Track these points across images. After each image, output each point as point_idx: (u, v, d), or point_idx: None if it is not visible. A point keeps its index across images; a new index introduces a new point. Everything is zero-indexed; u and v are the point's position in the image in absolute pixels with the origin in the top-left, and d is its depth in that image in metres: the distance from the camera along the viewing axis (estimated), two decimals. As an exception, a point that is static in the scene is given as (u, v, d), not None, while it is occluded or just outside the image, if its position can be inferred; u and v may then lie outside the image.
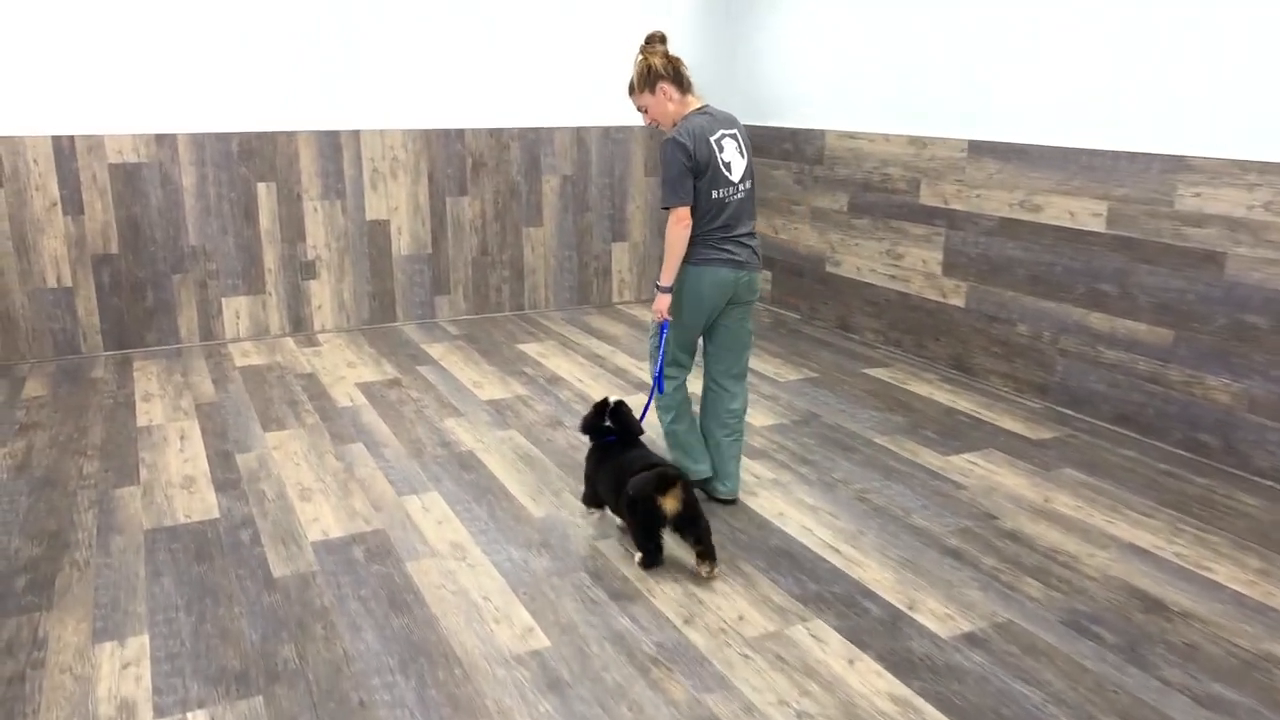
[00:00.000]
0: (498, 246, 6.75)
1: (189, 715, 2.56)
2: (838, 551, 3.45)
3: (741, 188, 3.54)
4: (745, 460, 4.26)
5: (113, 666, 2.77)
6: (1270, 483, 4.02)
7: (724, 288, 3.55)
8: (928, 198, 5.57)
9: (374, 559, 3.38)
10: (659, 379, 3.62)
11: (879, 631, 2.96)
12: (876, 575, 3.29)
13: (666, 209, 3.43)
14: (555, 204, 6.86)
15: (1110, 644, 2.89)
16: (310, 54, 5.94)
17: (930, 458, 4.28)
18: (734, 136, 3.53)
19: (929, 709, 2.60)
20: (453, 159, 6.47)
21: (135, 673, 2.74)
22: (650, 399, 3.71)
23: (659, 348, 3.62)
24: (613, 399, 3.53)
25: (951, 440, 4.49)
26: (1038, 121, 4.85)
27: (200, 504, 3.81)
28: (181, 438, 4.50)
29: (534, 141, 6.67)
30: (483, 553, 3.43)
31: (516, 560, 3.38)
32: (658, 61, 3.45)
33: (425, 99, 6.28)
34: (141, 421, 4.70)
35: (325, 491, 3.92)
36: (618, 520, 3.55)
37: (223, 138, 5.85)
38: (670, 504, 3.14)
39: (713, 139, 3.44)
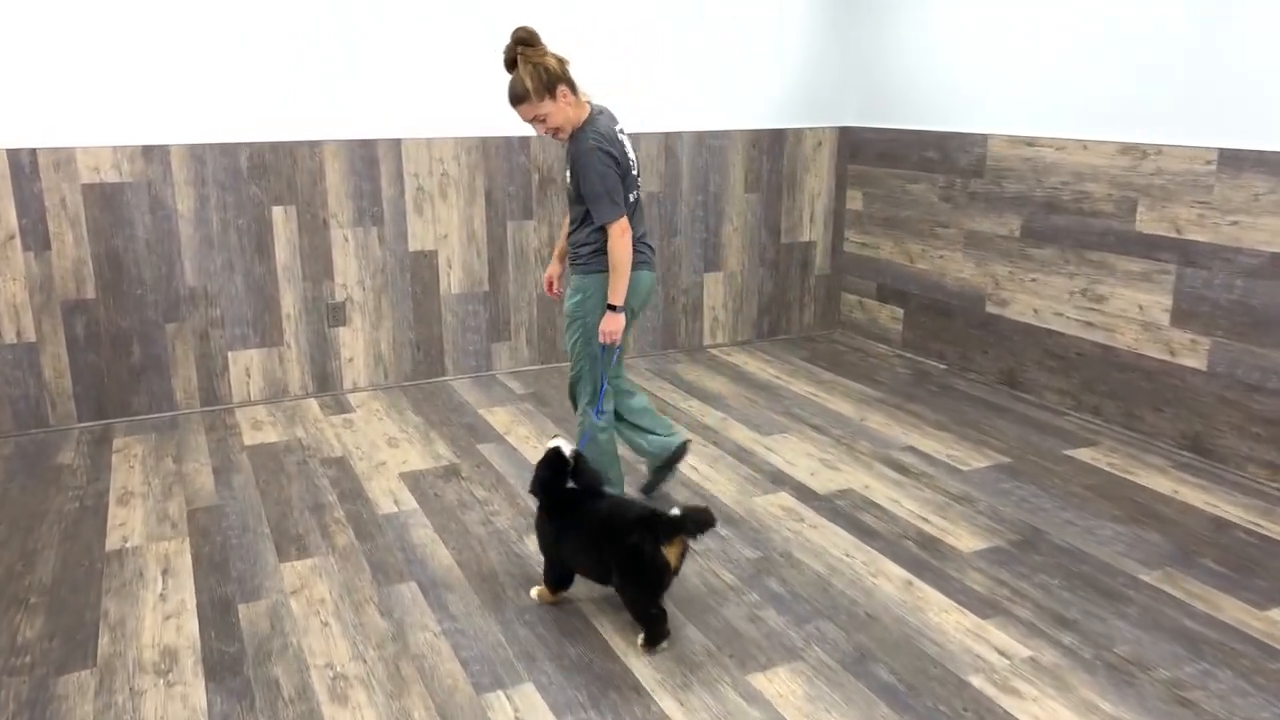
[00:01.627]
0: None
1: None
2: (1203, 827, 2.12)
3: (640, 184, 3.47)
4: (978, 622, 2.93)
5: None
6: None
7: (650, 292, 3.50)
8: (1149, 224, 4.23)
9: (452, 841, 2.08)
10: (599, 407, 3.46)
11: None
12: None
13: (604, 226, 3.21)
14: (638, 227, 5.55)
15: None
16: (336, 45, 4.66)
17: (1238, 611, 2.95)
18: (623, 130, 3.36)
19: None
20: (515, 174, 5.18)
21: None
22: (585, 436, 3.49)
23: (597, 372, 3.43)
24: (566, 446, 2.92)
25: (1251, 578, 3.15)
26: (1343, 123, 3.50)
27: (180, 710, 2.52)
28: (164, 571, 3.22)
29: (613, 151, 5.37)
30: (626, 828, 2.12)
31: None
32: (552, 63, 3.14)
33: (482, 100, 4.99)
34: (113, 542, 3.43)
35: (368, 682, 2.63)
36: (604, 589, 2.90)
37: (228, 150, 4.58)
38: (674, 554, 2.72)
39: (620, 137, 3.30)
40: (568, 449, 2.89)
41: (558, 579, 2.95)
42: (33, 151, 4.27)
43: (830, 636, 2.84)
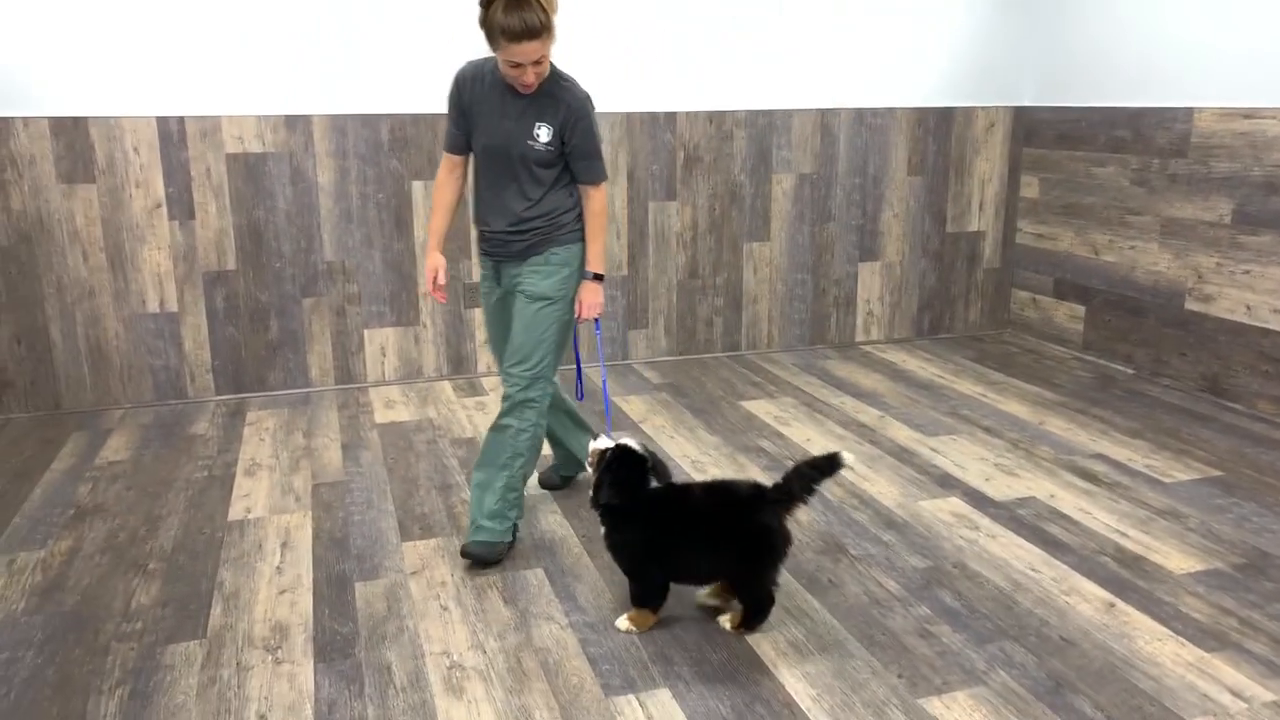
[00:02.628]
0: (711, 267, 5.13)
1: None
2: None
3: None
4: (1201, 655, 2.45)
5: None
6: None
7: None
8: (1401, 203, 3.59)
9: None
10: (581, 392, 3.17)
11: None
12: None
13: (597, 184, 2.88)
14: (788, 211, 5.19)
15: None
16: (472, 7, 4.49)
17: None
18: None
19: None
20: (660, 151, 4.90)
21: None
22: (607, 406, 3.23)
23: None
24: (633, 442, 2.54)
25: None
26: None
27: (286, 690, 2.31)
28: (284, 545, 3.06)
29: (765, 128, 5.03)
30: None
31: None
32: None
33: (627, 72, 4.74)
34: (236, 512, 3.30)
35: (486, 675, 2.36)
36: (704, 597, 2.64)
37: (369, 121, 4.47)
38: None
39: None
40: (636, 444, 2.52)
41: (659, 595, 2.54)
42: (180, 120, 4.25)
43: (1018, 660, 2.41)
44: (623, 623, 2.55)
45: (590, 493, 2.55)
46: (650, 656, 2.44)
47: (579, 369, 3.19)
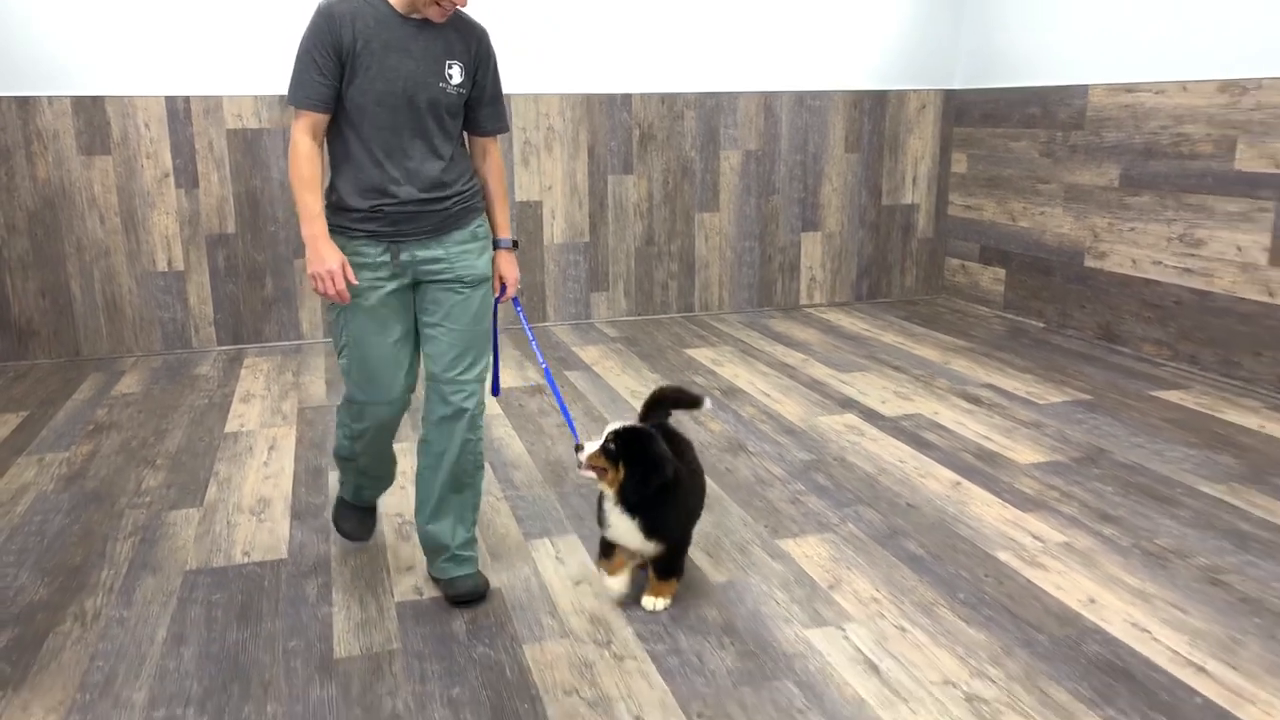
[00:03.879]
0: (665, 235, 5.67)
1: None
2: (1204, 672, 2.13)
3: None
4: (1018, 514, 2.97)
5: (63, 799, 1.78)
6: None
7: None
8: (1249, 161, 4.11)
9: (481, 636, 2.31)
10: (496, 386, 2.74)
11: None
12: (1292, 725, 1.95)
13: (498, 135, 2.50)
14: (736, 185, 5.72)
15: None
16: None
17: (1302, 521, 2.87)
18: None
19: None
20: (617, 130, 5.44)
21: (90, 815, 1.74)
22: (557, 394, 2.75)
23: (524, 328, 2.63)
24: (617, 424, 2.35)
25: (1325, 495, 3.05)
26: None
27: (267, 537, 2.85)
28: (270, 448, 3.60)
29: (713, 109, 5.57)
30: (638, 640, 2.29)
31: (689, 657, 2.23)
32: None
33: (587, 58, 5.29)
34: (231, 426, 3.85)
35: (429, 528, 2.90)
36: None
37: (354, 100, 5.02)
38: None
39: None
40: (617, 424, 2.35)
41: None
42: (186, 99, 4.81)
43: (866, 518, 2.93)
44: (661, 602, 2.38)
45: (610, 498, 2.30)
46: (566, 515, 2.97)
47: (495, 359, 2.64)
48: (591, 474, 2.30)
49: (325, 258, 2.21)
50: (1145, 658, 2.18)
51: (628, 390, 4.26)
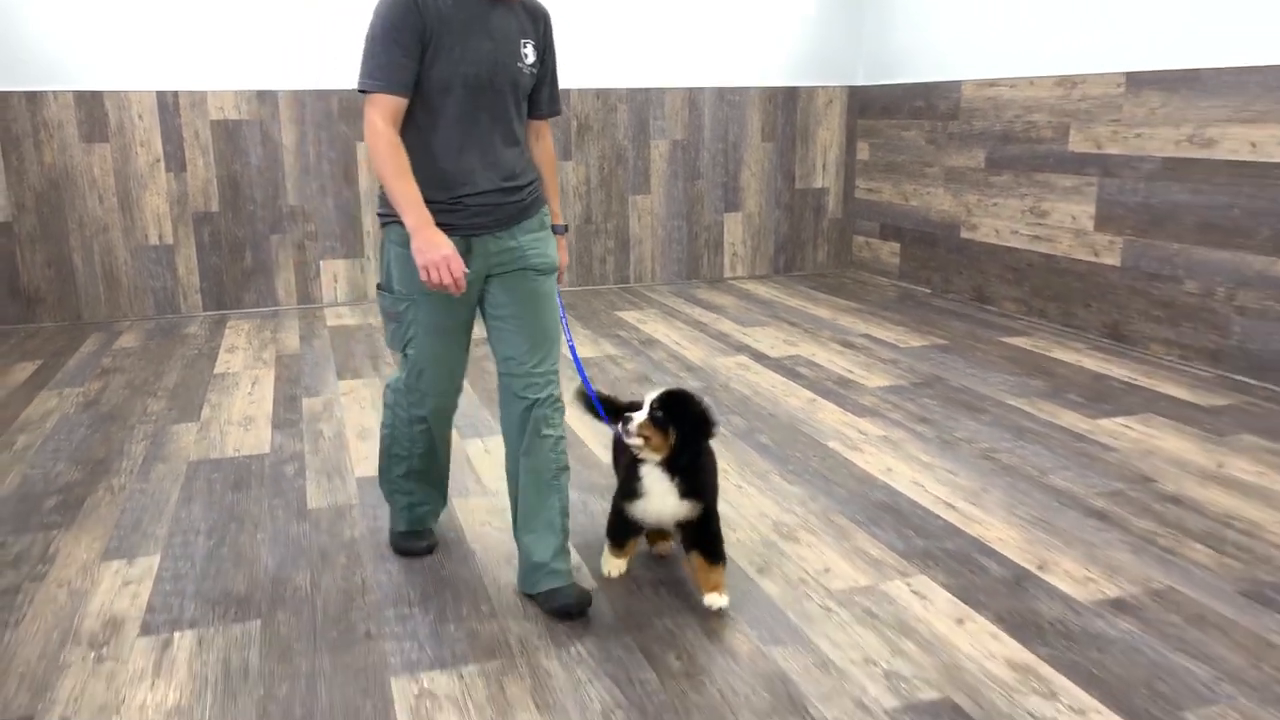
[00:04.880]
0: (602, 215, 6.41)
1: (176, 635, 2.25)
2: (953, 508, 2.89)
3: None
4: (853, 419, 3.74)
5: (113, 584, 2.49)
6: None
7: None
8: (1078, 144, 4.90)
9: (419, 495, 3.03)
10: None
11: (998, 591, 2.40)
12: (1000, 534, 2.72)
13: (553, 117, 2.48)
14: (664, 170, 6.47)
15: (1308, 620, 2.24)
16: (412, 9, 5.77)
17: (1074, 420, 3.64)
18: None
19: (1060, 679, 2.03)
20: (556, 121, 6.17)
21: (134, 590, 2.45)
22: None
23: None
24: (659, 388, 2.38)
25: (1100, 404, 3.83)
26: (1209, 40, 4.15)
27: (253, 439, 3.56)
28: (253, 383, 4.30)
29: (643, 103, 6.32)
30: (538, 494, 3.03)
31: (575, 503, 2.96)
32: None
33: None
34: (219, 369, 4.54)
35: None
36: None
37: (323, 95, 5.73)
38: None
39: None
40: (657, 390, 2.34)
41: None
42: (175, 93, 5.49)
43: (733, 423, 3.68)
44: (722, 598, 2.29)
45: (651, 463, 2.27)
46: (490, 416, 3.70)
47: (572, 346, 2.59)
48: (639, 442, 2.23)
49: (438, 244, 2.09)
50: (913, 500, 2.95)
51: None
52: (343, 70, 5.72)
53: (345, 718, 1.94)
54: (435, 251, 2.09)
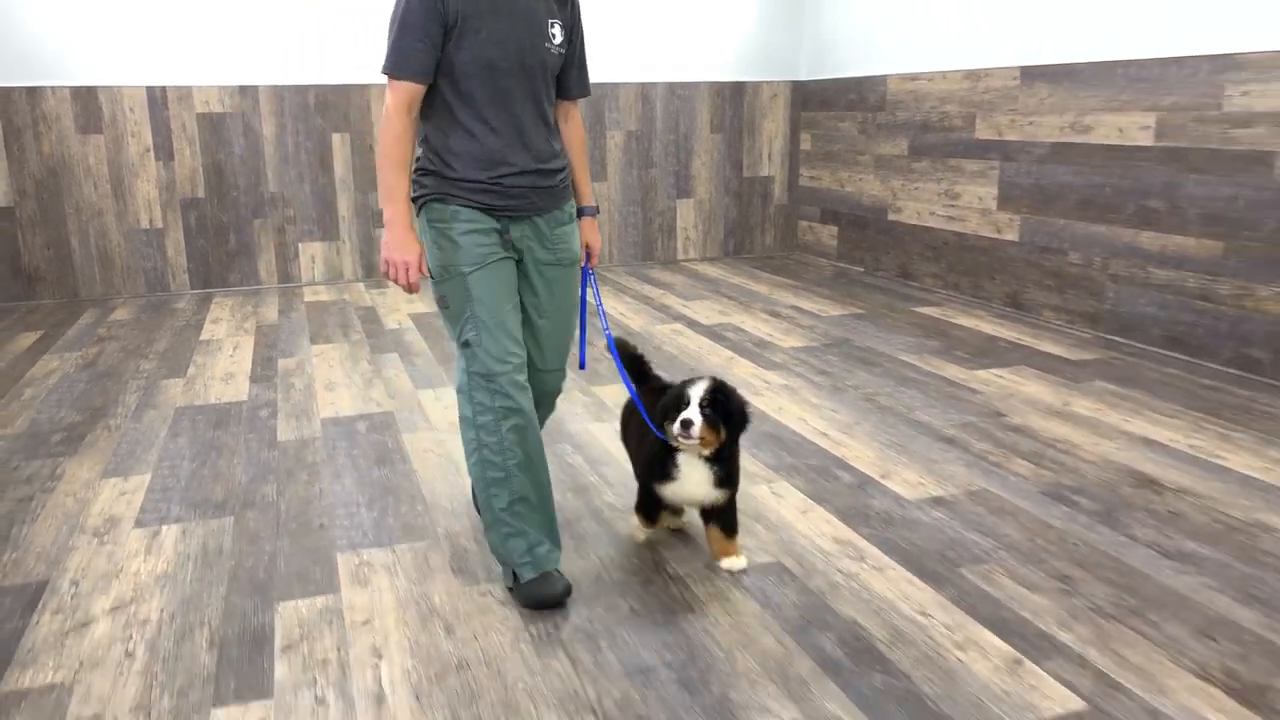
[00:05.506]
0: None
1: (163, 528, 2.74)
2: (827, 436, 3.40)
3: None
4: (763, 372, 4.24)
5: (111, 494, 2.99)
6: (1322, 394, 3.74)
7: None
8: (983, 131, 5.42)
9: (375, 430, 3.53)
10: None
11: (843, 493, 2.91)
12: (859, 454, 3.23)
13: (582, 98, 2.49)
14: (619, 160, 6.97)
15: (1086, 509, 2.75)
16: (381, 9, 6.25)
17: (954, 372, 4.16)
18: None
19: (870, 548, 2.54)
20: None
21: (129, 498, 2.95)
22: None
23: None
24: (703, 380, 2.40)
25: (982, 359, 4.35)
26: (1087, 38, 4.66)
27: (233, 390, 4.06)
28: (235, 348, 4.79)
29: (599, 97, 6.81)
30: (476, 428, 3.53)
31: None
32: None
33: (492, 54, 6.51)
34: (204, 336, 5.03)
35: (349, 385, 4.11)
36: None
37: (300, 90, 6.22)
38: None
39: None
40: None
41: None
42: (163, 88, 5.97)
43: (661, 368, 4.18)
44: (741, 561, 2.42)
45: (691, 453, 2.31)
46: (448, 377, 4.20)
47: (583, 333, 2.62)
48: (695, 443, 2.24)
49: (406, 246, 2.14)
50: (794, 431, 3.45)
51: (515, 312, 5.49)
52: (319, 67, 6.21)
53: (299, 579, 2.44)
54: (400, 253, 2.15)
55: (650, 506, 2.51)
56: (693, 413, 2.22)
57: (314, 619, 2.25)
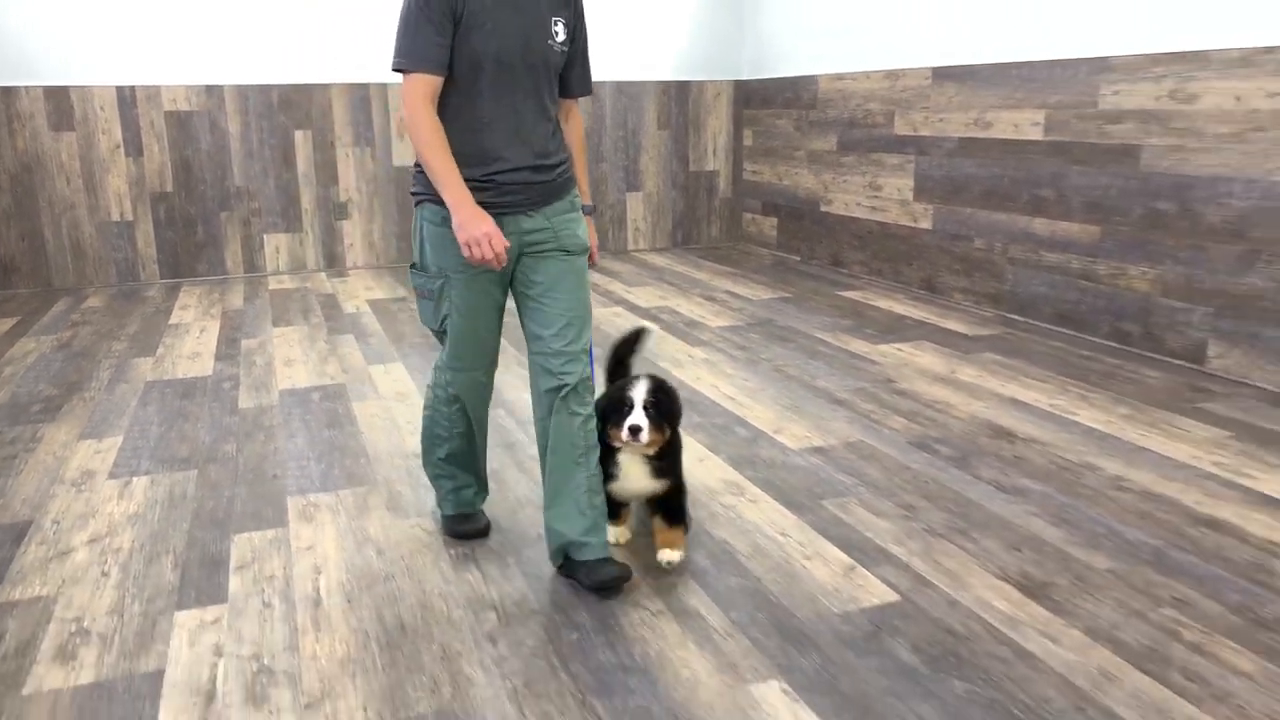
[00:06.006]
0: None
1: (134, 479, 3.10)
2: (733, 400, 3.80)
3: None
4: (688, 348, 4.63)
5: (87, 453, 3.34)
6: (1179, 361, 4.17)
7: None
8: (901, 128, 5.84)
9: (327, 399, 3.90)
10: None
11: (738, 444, 3.31)
12: (758, 414, 3.63)
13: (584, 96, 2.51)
14: (571, 155, 7.33)
15: (944, 455, 3.17)
16: (343, 11, 6.60)
17: (860, 346, 4.57)
18: None
19: (750, 486, 2.94)
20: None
21: (103, 456, 3.31)
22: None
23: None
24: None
25: (888, 335, 4.77)
26: (987, 41, 5.09)
27: (199, 366, 4.41)
28: (202, 331, 5.14)
29: (550, 96, 7.17)
30: (420, 398, 3.91)
31: (446, 401, 3.84)
32: None
33: (447, 55, 6.87)
34: (173, 321, 5.37)
35: (306, 361, 4.48)
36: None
37: (264, 89, 6.55)
38: None
39: None
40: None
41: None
42: (132, 88, 6.29)
43: (594, 353, 4.57)
44: (677, 554, 2.43)
45: (629, 451, 2.38)
46: (399, 355, 4.56)
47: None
48: (641, 445, 2.31)
49: (479, 221, 2.13)
50: (706, 396, 3.85)
51: (467, 298, 5.86)
52: (281, 67, 6.55)
53: (253, 517, 2.81)
54: (477, 228, 2.12)
55: (613, 507, 2.53)
56: (638, 417, 2.29)
57: (265, 546, 2.62)
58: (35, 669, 2.08)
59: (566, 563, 2.38)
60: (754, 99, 7.52)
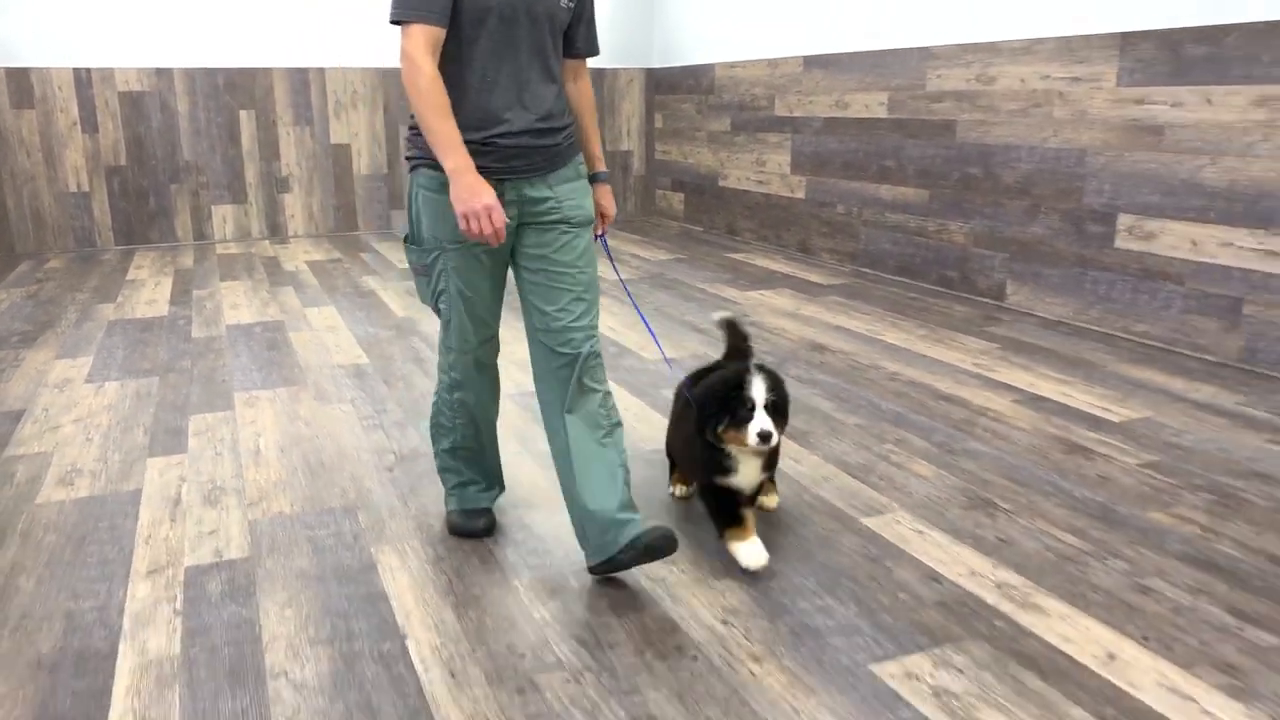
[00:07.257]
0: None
1: (106, 383, 3.79)
2: (612, 330, 4.58)
3: None
4: (623, 321, 5.40)
5: (64, 368, 4.02)
6: (985, 299, 5.03)
7: None
8: (780, 110, 6.66)
9: (268, 331, 4.60)
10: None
11: (608, 354, 4.08)
12: (627, 338, 4.41)
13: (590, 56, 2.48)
14: (496, 135, 8.05)
15: (765, 361, 3.97)
16: (286, 2, 7.26)
17: (731, 293, 5.38)
18: None
19: (614, 387, 3.72)
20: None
21: (78, 369, 3.99)
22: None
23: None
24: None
25: (757, 285, 5.58)
26: (846, 33, 5.92)
27: (155, 310, 5.08)
28: (156, 285, 5.79)
29: (476, 81, 7.88)
30: (348, 329, 4.63)
31: (370, 333, 4.57)
32: None
33: (380, 40, 7.55)
34: (130, 278, 6.02)
35: (250, 305, 5.17)
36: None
37: (211, 72, 7.18)
38: None
39: None
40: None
41: None
42: (88, 70, 6.90)
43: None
44: (773, 500, 2.59)
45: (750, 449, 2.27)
46: (331, 300, 5.27)
47: (650, 328, 2.66)
48: (767, 447, 2.20)
49: (480, 192, 1.99)
50: (620, 344, 4.61)
51: (398, 260, 6.56)
52: (228, 51, 7.19)
53: (206, 405, 3.52)
54: (476, 199, 1.98)
55: (726, 506, 2.30)
56: (764, 421, 2.17)
57: (216, 422, 3.34)
58: (43, 490, 2.78)
59: (604, 559, 2.19)
60: (663, 85, 8.30)
